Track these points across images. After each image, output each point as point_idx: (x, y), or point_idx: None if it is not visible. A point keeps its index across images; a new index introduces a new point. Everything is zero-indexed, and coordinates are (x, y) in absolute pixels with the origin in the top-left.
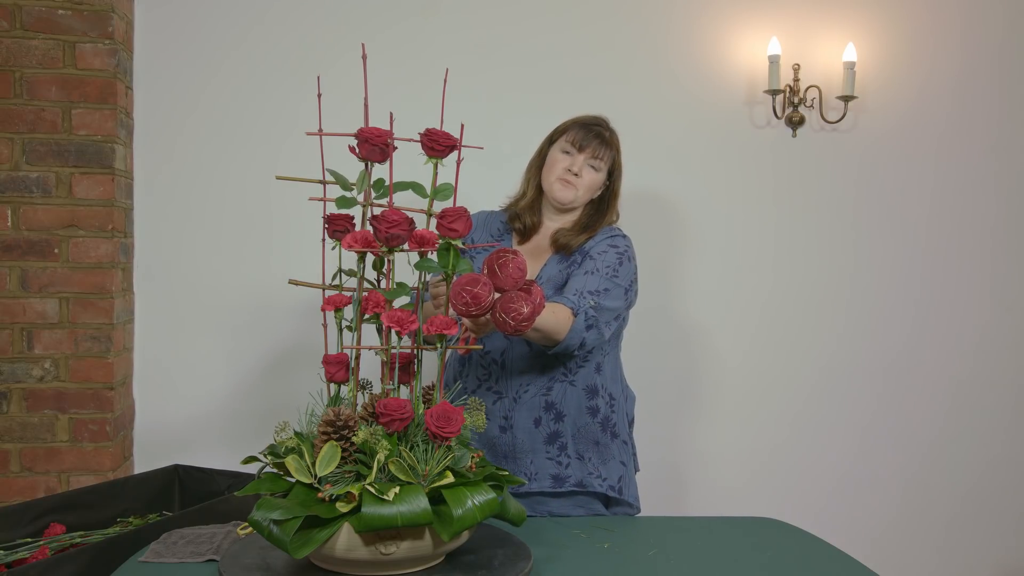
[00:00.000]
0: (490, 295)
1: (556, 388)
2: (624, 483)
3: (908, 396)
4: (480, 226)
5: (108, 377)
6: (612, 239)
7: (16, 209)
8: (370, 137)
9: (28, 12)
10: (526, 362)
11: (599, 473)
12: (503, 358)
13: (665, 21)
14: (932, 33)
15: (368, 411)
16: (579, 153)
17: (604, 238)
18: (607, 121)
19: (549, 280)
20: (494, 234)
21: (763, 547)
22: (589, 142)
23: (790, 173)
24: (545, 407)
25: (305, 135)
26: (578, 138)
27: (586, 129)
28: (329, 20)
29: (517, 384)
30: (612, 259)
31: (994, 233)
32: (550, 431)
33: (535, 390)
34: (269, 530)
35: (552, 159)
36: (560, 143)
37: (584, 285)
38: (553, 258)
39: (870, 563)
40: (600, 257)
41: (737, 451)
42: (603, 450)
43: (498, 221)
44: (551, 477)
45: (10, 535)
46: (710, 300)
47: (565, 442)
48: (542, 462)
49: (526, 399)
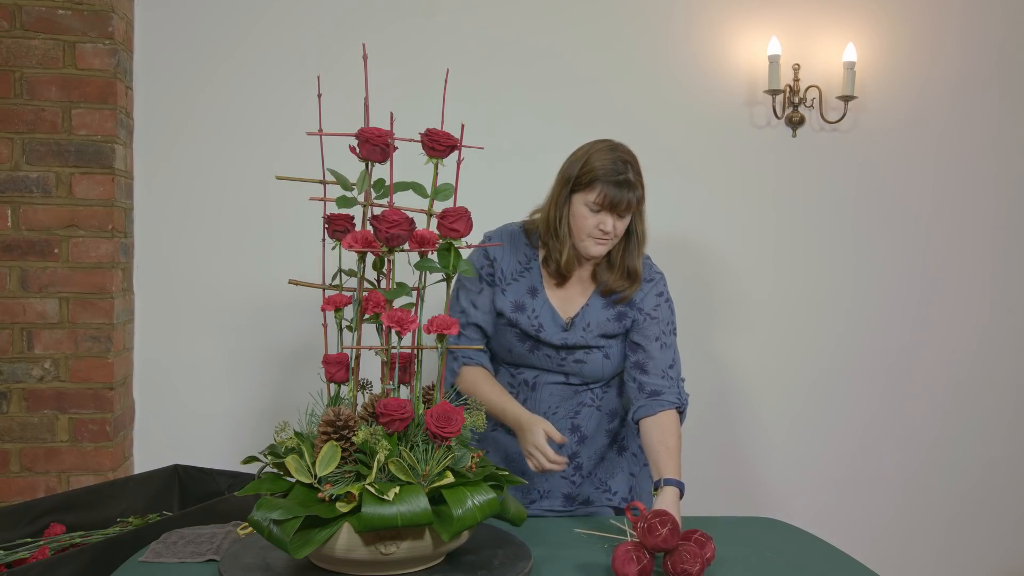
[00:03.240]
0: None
1: (583, 412)
2: (636, 494)
3: (908, 396)
4: (508, 251)
5: (108, 377)
6: (655, 285)
7: (16, 209)
8: (370, 137)
9: (28, 12)
10: (559, 388)
11: (607, 487)
12: (535, 381)
13: (665, 21)
14: (932, 33)
15: (368, 411)
16: (610, 213)
17: (650, 287)
18: (632, 161)
19: (599, 327)
20: (522, 261)
21: (763, 547)
22: (620, 200)
23: (790, 173)
24: (571, 429)
25: (305, 135)
26: (608, 199)
27: (616, 187)
28: (329, 20)
29: (545, 407)
30: (667, 314)
31: (994, 233)
32: (571, 452)
33: (563, 413)
34: (269, 530)
35: (580, 214)
36: (587, 198)
37: (664, 362)
38: (596, 299)
39: (870, 563)
40: (659, 316)
41: (737, 451)
42: (609, 464)
43: (523, 244)
44: (563, 496)
45: (10, 535)
46: (710, 300)
47: (581, 462)
48: (557, 481)
49: (553, 421)
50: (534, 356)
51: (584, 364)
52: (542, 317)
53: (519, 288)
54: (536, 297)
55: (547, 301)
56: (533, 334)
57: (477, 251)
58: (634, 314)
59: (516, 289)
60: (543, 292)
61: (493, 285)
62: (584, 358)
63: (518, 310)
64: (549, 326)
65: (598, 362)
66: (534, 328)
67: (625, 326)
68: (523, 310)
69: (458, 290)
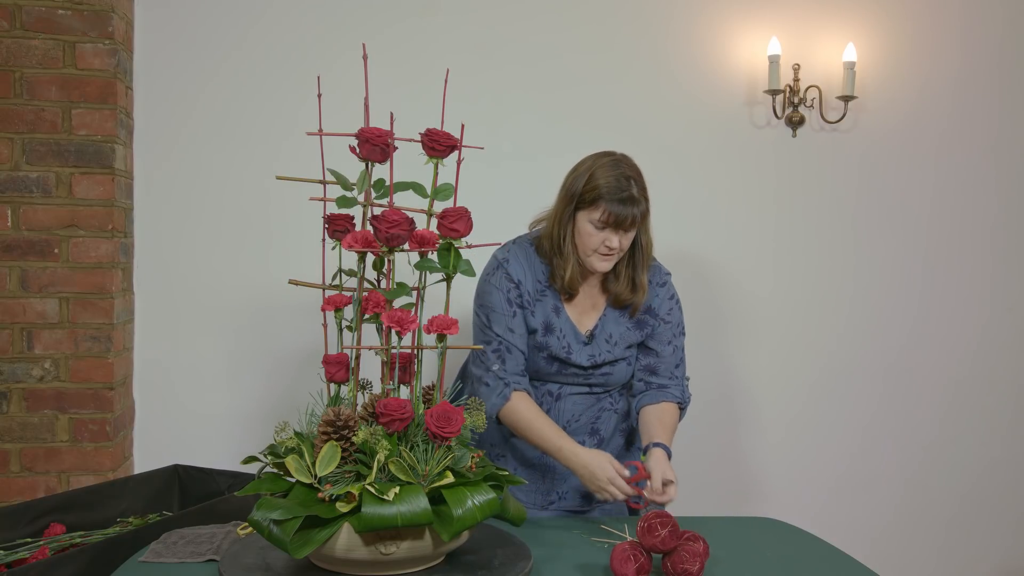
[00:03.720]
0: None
1: (603, 417)
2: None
3: (908, 396)
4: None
5: (108, 377)
6: (666, 288)
7: (16, 209)
8: (370, 137)
9: (28, 12)
10: (583, 398)
11: None
12: (560, 391)
13: (665, 21)
14: (932, 33)
15: (368, 411)
16: (615, 230)
17: (663, 292)
18: (636, 176)
19: (622, 339)
20: (541, 280)
21: (763, 547)
22: (625, 217)
23: (790, 173)
24: (590, 432)
25: (305, 135)
26: (613, 216)
27: (620, 204)
28: (329, 20)
29: (569, 415)
30: (678, 316)
31: (994, 233)
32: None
33: (585, 420)
34: (269, 530)
35: (585, 231)
36: (591, 215)
37: (672, 363)
38: (611, 312)
39: (870, 563)
40: (671, 318)
41: (737, 451)
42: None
43: (538, 262)
44: (581, 496)
45: (10, 535)
46: (710, 300)
47: None
48: (577, 481)
49: (575, 427)
50: (561, 375)
51: (611, 375)
52: (568, 337)
53: (544, 308)
54: (560, 315)
55: (568, 318)
56: (563, 357)
57: (501, 276)
58: (652, 321)
59: (542, 309)
60: (564, 310)
61: (523, 308)
62: (611, 371)
63: (548, 332)
64: (574, 345)
65: (623, 371)
66: (564, 350)
67: (646, 333)
68: (552, 332)
69: (487, 318)
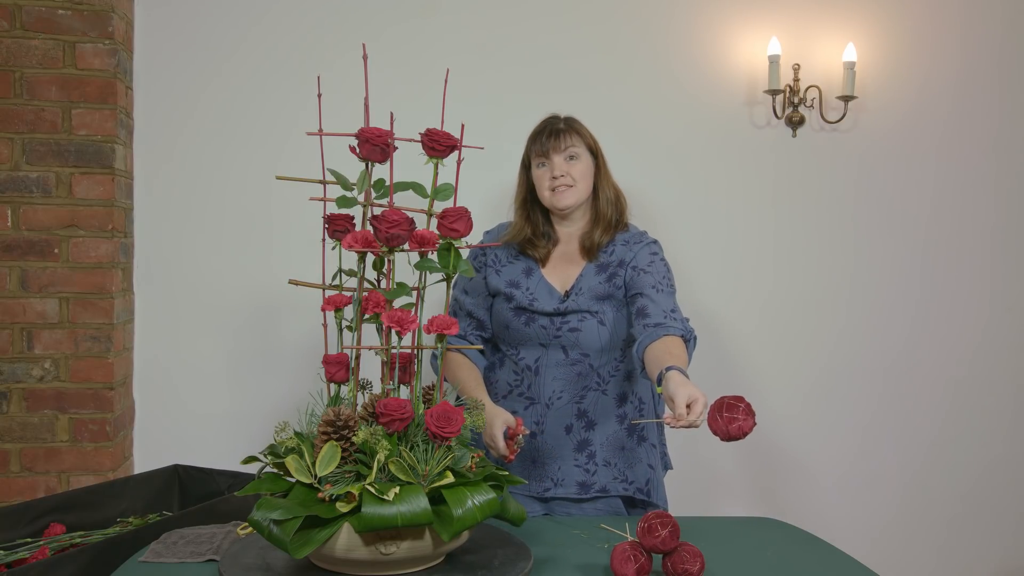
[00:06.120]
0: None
1: (589, 396)
2: (652, 486)
3: (908, 396)
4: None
5: (108, 377)
6: (648, 246)
7: (16, 209)
8: (371, 137)
9: (28, 12)
10: (561, 370)
11: (624, 477)
12: (537, 364)
13: (665, 21)
14: (932, 33)
15: (368, 411)
16: (551, 158)
17: (642, 247)
18: (558, 115)
19: (590, 291)
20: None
21: (763, 547)
22: (550, 143)
23: (790, 173)
24: (577, 415)
25: (305, 135)
26: (540, 147)
27: (541, 135)
28: (329, 20)
29: (550, 391)
30: (662, 269)
31: (994, 233)
32: (580, 439)
33: (568, 397)
34: (269, 530)
35: (536, 177)
36: (532, 165)
37: (666, 305)
38: (590, 267)
39: (870, 563)
40: (652, 270)
41: (737, 451)
42: (629, 454)
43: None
44: (577, 484)
45: (10, 535)
46: (710, 300)
47: (594, 450)
48: (569, 469)
49: (559, 406)
50: (530, 329)
51: (580, 332)
52: (537, 292)
53: (514, 269)
54: (531, 276)
55: (542, 279)
56: (527, 305)
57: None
58: (626, 272)
59: (511, 270)
60: (538, 271)
61: (485, 267)
62: (579, 325)
63: (513, 286)
64: (544, 298)
65: (593, 329)
66: (528, 299)
67: (617, 285)
68: (518, 286)
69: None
